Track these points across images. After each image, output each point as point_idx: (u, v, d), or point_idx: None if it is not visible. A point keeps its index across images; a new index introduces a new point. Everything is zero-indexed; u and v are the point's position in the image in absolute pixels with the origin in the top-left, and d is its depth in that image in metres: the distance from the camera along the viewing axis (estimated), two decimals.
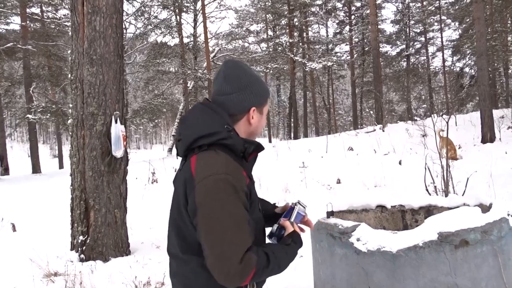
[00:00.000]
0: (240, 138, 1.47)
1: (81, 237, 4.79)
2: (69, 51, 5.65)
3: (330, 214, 2.67)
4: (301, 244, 1.49)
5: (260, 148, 1.53)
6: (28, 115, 17.25)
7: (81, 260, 4.72)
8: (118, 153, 4.87)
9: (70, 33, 5.19)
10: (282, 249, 1.41)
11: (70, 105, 5.03)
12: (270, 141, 28.56)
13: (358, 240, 2.35)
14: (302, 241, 1.50)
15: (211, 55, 24.58)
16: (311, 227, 1.67)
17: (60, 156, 26.24)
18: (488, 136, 11.24)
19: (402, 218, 3.23)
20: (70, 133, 5.03)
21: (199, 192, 1.32)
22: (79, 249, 4.79)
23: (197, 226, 1.32)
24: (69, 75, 5.11)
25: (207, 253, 1.29)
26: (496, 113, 12.93)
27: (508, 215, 2.37)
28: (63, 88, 20.98)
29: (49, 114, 17.45)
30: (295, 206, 1.57)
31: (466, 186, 5.53)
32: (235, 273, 1.26)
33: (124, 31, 19.48)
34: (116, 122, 4.89)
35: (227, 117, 1.48)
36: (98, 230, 4.81)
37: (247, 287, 1.40)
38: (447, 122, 6.36)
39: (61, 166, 25.18)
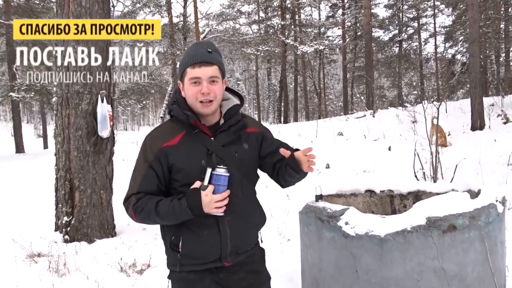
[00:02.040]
0: (180, 109, 1.74)
1: (65, 218, 4.76)
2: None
3: (319, 197, 2.67)
4: (192, 204, 1.61)
5: (195, 118, 1.72)
6: (11, 93, 16.92)
7: (66, 241, 4.69)
8: (104, 133, 4.82)
9: (55, 9, 5.06)
10: (169, 203, 1.65)
11: (55, 83, 4.94)
12: None
13: (346, 224, 2.36)
14: (195, 202, 1.61)
15: (201, 36, 24.27)
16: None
17: (44, 136, 25.93)
18: (478, 123, 11.34)
19: (390, 203, 3.26)
20: (55, 112, 4.95)
21: None
22: (64, 230, 4.76)
23: None
24: (54, 53, 5.00)
25: None
26: (487, 101, 13.03)
27: (496, 201, 2.40)
28: (48, 66, 20.59)
29: (33, 93, 17.14)
30: (207, 169, 1.65)
31: (454, 173, 5.58)
32: (125, 207, 1.75)
33: (112, 9, 19.14)
34: (102, 101, 4.82)
35: (179, 90, 1.79)
36: (83, 211, 4.78)
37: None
38: (438, 109, 6.39)
39: (45, 146, 24.89)
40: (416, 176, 5.96)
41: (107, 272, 3.88)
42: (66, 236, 4.73)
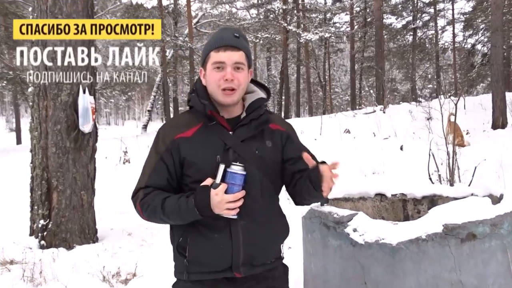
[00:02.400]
0: (198, 98, 1.76)
1: (41, 221, 4.76)
2: (30, 9, 5.51)
3: (325, 201, 2.68)
4: (200, 202, 1.60)
5: (213, 108, 1.73)
6: None
7: (42, 247, 4.69)
8: (86, 127, 4.81)
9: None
10: (176, 201, 1.65)
11: (31, 72, 4.93)
12: None
13: (354, 230, 2.36)
14: (204, 201, 1.60)
15: (194, 21, 24.26)
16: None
17: (18, 130, 25.86)
18: (499, 121, 11.36)
19: (403, 208, 3.27)
20: (31, 104, 4.95)
21: None
22: (40, 234, 4.76)
23: None
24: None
25: None
26: (510, 96, 13.04)
27: None
28: (22, 52, 20.51)
29: (5, 82, 17.08)
30: (220, 165, 1.64)
31: (473, 176, 5.61)
32: (132, 202, 1.76)
33: None
34: (84, 92, 4.82)
35: (199, 78, 1.81)
36: (62, 214, 4.78)
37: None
38: (456, 105, 6.40)
39: (18, 141, 24.83)
40: (430, 179, 5.98)
41: (88, 281, 3.89)
42: (43, 242, 4.73)
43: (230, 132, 1.74)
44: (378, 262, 2.26)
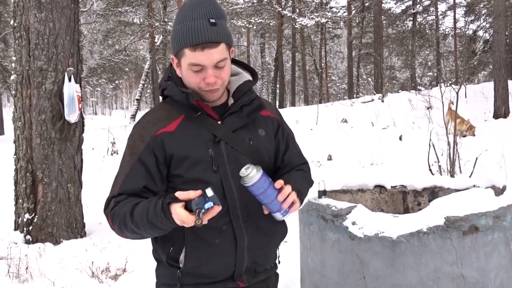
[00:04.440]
0: (176, 86, 1.57)
1: (27, 215, 4.74)
2: None
3: (322, 193, 2.69)
4: (163, 219, 1.38)
5: (198, 97, 1.55)
6: None
7: (27, 242, 4.68)
8: (72, 117, 4.79)
9: None
10: (147, 203, 1.44)
11: (14, 58, 4.89)
12: None
13: (353, 223, 2.37)
14: (168, 217, 1.37)
15: None
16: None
17: None
18: (501, 110, 11.45)
19: (403, 200, 3.28)
20: (14, 92, 4.91)
21: None
22: (25, 229, 4.75)
23: None
24: (12, 22, 4.95)
25: None
26: None
27: None
28: (4, 37, 20.30)
29: None
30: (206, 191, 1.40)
31: (474, 167, 5.66)
32: (105, 216, 1.55)
33: None
34: (69, 80, 4.78)
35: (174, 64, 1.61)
36: (48, 207, 4.77)
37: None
38: (457, 93, 6.43)
39: (1, 132, 24.64)
40: (430, 170, 6.02)
41: (76, 277, 3.89)
42: (28, 236, 4.72)
43: (219, 122, 1.58)
44: (377, 256, 2.27)
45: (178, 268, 1.58)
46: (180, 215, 1.35)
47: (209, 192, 1.35)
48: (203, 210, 1.34)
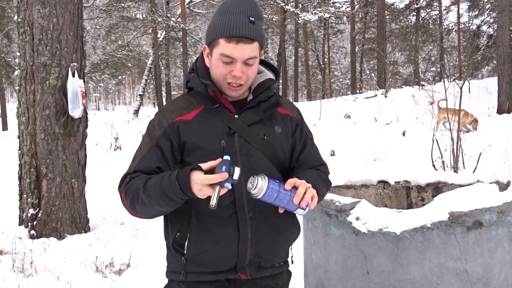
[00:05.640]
0: (198, 78, 1.65)
1: (31, 210, 4.76)
2: None
3: None
4: (181, 175, 1.43)
5: (211, 89, 1.61)
6: None
7: (32, 237, 4.70)
8: (75, 112, 4.79)
9: None
10: (161, 176, 1.50)
11: (17, 54, 4.90)
12: None
13: (357, 219, 2.38)
14: (186, 174, 1.42)
15: (187, 0, 24.04)
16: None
17: (3, 115, 25.70)
18: (505, 105, 11.42)
19: (406, 195, 3.29)
20: (18, 88, 4.92)
21: None
22: (29, 224, 4.76)
23: None
24: (15, 17, 4.95)
25: None
26: None
27: None
28: (7, 33, 20.33)
29: None
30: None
31: (477, 162, 5.65)
32: (118, 192, 1.61)
33: None
34: (73, 75, 4.78)
35: (201, 56, 1.69)
36: (52, 202, 4.78)
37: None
38: (461, 88, 6.41)
39: (4, 127, 24.73)
40: (434, 166, 6.01)
41: (80, 272, 3.90)
42: (32, 231, 4.74)
43: (236, 116, 1.63)
44: (381, 251, 2.28)
45: (183, 255, 1.63)
46: (202, 179, 1.38)
47: (236, 174, 1.40)
48: (220, 187, 1.38)
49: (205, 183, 1.38)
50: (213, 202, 1.36)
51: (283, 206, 1.50)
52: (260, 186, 1.44)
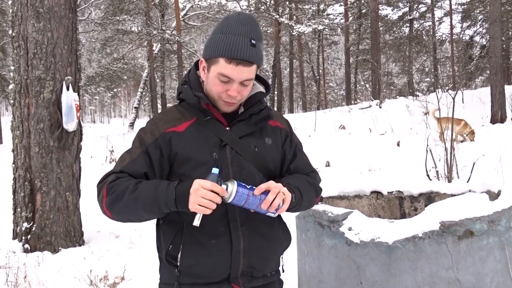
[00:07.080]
0: (191, 90, 1.66)
1: (25, 224, 4.74)
2: (9, 2, 5.49)
3: (319, 199, 2.70)
4: (182, 187, 1.47)
5: (204, 102, 1.63)
6: None
7: (26, 251, 4.68)
8: (70, 126, 4.80)
9: None
10: (158, 181, 1.55)
11: (12, 68, 4.92)
12: None
13: (350, 229, 2.40)
14: (187, 186, 1.46)
15: (182, 13, 24.19)
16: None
17: None
18: (498, 115, 11.48)
19: (399, 205, 3.31)
20: (12, 101, 4.93)
21: None
22: (23, 238, 4.74)
23: None
24: (10, 32, 4.98)
25: None
26: (509, 90, 13.18)
27: None
28: (2, 47, 20.36)
29: None
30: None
31: (471, 172, 5.68)
32: (97, 189, 1.65)
33: None
34: (67, 89, 4.80)
35: (194, 68, 1.73)
36: (46, 216, 4.77)
37: None
38: (454, 99, 6.46)
39: None
40: (428, 176, 6.04)
41: (74, 286, 3.89)
42: (26, 245, 4.72)
43: (227, 128, 1.66)
44: (374, 261, 2.29)
45: (176, 267, 1.64)
46: (205, 184, 1.44)
47: (231, 187, 1.48)
48: None
49: (208, 188, 1.43)
50: (197, 222, 1.46)
51: (253, 209, 1.54)
52: (229, 190, 1.48)
